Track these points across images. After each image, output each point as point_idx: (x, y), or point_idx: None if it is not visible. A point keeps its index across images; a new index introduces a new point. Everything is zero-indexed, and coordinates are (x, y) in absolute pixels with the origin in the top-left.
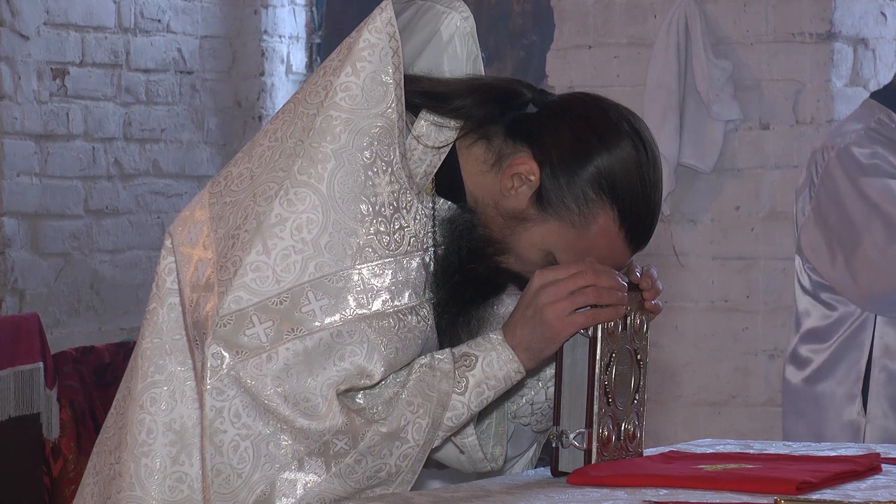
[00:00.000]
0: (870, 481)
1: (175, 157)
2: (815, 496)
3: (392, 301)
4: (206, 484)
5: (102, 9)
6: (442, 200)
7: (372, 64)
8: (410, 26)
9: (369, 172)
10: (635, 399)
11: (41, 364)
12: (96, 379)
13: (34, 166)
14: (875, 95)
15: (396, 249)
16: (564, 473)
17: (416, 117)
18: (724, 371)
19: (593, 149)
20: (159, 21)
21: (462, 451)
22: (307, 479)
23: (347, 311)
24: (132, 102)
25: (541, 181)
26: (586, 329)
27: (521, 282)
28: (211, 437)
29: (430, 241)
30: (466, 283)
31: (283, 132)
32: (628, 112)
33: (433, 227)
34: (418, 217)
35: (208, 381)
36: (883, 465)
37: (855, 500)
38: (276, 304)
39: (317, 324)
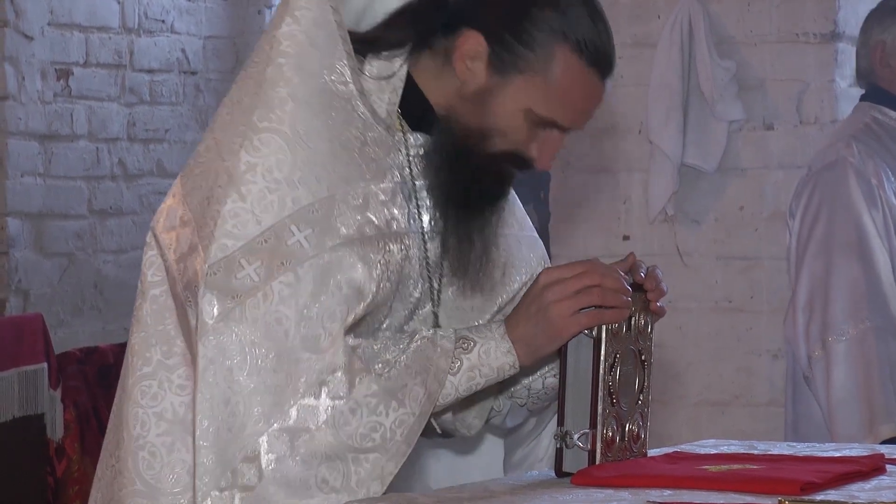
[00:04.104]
0: (874, 482)
1: (179, 158)
2: (819, 497)
3: (372, 226)
4: (196, 432)
5: (106, 9)
6: (417, 135)
7: (311, 10)
8: None
9: (329, 111)
10: (639, 400)
11: (45, 364)
12: (100, 379)
13: (38, 166)
14: (865, 97)
15: (371, 178)
16: (568, 474)
17: (364, 64)
18: (727, 371)
19: None
20: (163, 21)
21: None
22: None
23: (331, 237)
24: (136, 103)
25: (489, 48)
26: (590, 329)
27: (519, 161)
28: (202, 389)
29: (408, 170)
30: (466, 184)
31: (239, 95)
32: None
33: (408, 159)
34: (389, 150)
35: (202, 332)
36: (887, 466)
37: (859, 501)
38: (262, 244)
39: (305, 253)
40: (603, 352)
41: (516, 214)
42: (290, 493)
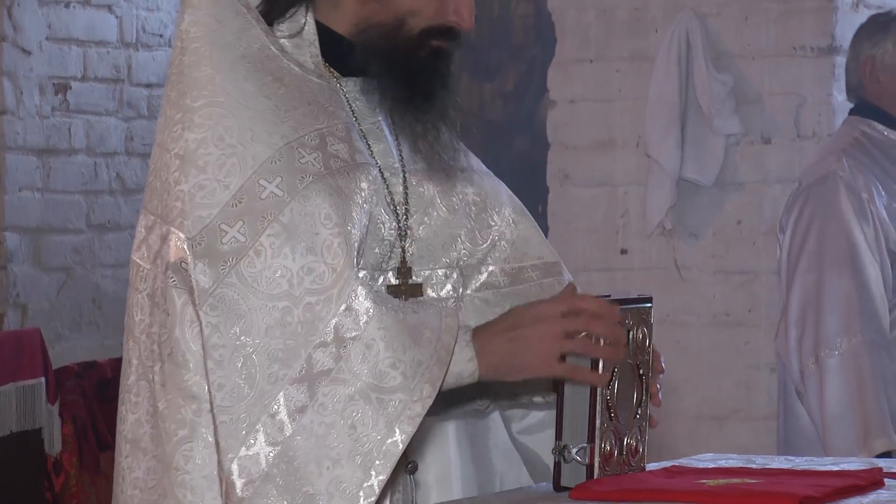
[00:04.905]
0: (872, 496)
1: None
2: None
3: (337, 160)
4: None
5: (104, 24)
6: (351, 80)
7: None
8: None
9: (257, 73)
10: (637, 414)
11: (43, 379)
12: (98, 394)
13: (36, 181)
14: (854, 111)
15: (321, 121)
16: (566, 488)
17: (274, 29)
18: (726, 385)
19: None
20: (161, 36)
21: None
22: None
23: (301, 179)
24: (134, 117)
25: None
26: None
27: (442, 32)
28: (211, 354)
29: (350, 112)
30: (407, 76)
31: (166, 95)
32: None
33: (348, 105)
34: (330, 96)
35: (201, 301)
36: (885, 480)
37: None
38: (236, 205)
39: (282, 200)
40: (601, 366)
41: (470, 157)
42: (318, 444)
